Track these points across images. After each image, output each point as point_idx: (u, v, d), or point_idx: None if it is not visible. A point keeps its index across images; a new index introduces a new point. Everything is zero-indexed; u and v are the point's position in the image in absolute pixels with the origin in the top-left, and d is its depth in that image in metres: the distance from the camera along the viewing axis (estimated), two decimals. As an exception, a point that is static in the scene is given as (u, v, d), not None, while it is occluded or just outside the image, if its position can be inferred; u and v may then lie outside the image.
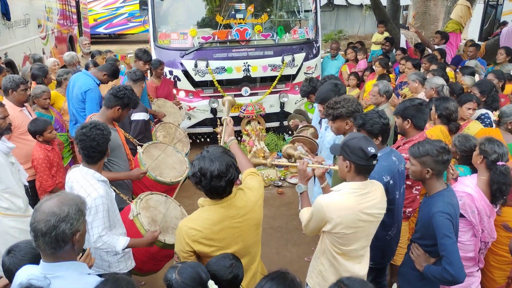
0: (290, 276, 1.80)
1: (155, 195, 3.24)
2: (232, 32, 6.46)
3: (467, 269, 2.79)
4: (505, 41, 7.68)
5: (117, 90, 3.35)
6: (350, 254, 2.44)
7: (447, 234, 2.34)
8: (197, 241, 2.13)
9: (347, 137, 2.43)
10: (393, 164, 2.82)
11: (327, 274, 2.50)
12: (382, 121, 2.81)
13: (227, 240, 2.18)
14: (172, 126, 4.88)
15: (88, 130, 2.64)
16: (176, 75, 6.39)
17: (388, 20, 9.02)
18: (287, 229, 4.76)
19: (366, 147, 2.27)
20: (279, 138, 6.85)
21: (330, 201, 2.34)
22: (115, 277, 1.69)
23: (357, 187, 2.35)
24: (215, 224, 2.14)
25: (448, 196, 2.47)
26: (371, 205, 2.36)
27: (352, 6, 19.21)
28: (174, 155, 3.92)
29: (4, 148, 3.22)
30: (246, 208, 2.23)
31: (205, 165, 2.06)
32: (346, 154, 2.34)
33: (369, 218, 2.36)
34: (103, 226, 2.55)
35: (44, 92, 4.51)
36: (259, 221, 2.35)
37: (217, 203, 2.16)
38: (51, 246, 1.66)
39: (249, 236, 2.28)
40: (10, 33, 7.77)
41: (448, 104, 3.72)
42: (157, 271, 3.27)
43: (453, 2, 9.08)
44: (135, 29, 18.05)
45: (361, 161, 2.29)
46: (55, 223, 1.64)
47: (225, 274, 2.05)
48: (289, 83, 6.75)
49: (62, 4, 11.45)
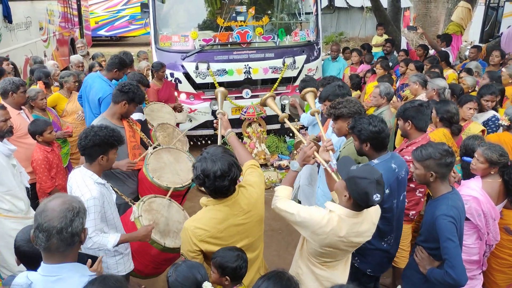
0: (286, 276, 1.83)
1: (159, 198, 3.23)
2: (233, 34, 6.47)
3: (470, 272, 2.79)
4: (506, 43, 7.68)
5: (122, 85, 3.44)
6: (326, 264, 2.42)
7: (449, 238, 2.33)
8: (204, 241, 2.14)
9: (359, 170, 2.22)
10: (391, 173, 2.72)
11: (304, 278, 2.48)
12: (370, 128, 2.68)
13: (233, 237, 2.20)
14: (170, 127, 4.86)
15: (87, 129, 2.71)
16: (177, 78, 6.40)
17: (388, 22, 9.03)
18: (288, 232, 4.75)
19: (372, 194, 2.10)
20: (280, 140, 6.85)
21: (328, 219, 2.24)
22: (103, 276, 1.70)
23: (348, 216, 2.24)
24: (220, 223, 2.16)
25: (453, 199, 2.45)
26: (358, 233, 2.27)
27: (353, 8, 19.21)
28: (185, 162, 3.77)
29: (5, 150, 3.23)
30: (250, 205, 2.25)
31: (207, 166, 2.07)
32: (350, 188, 2.20)
33: (351, 244, 2.31)
34: (94, 228, 2.54)
35: (38, 92, 4.51)
36: (262, 216, 2.38)
37: (221, 202, 2.18)
38: (67, 242, 1.67)
39: (254, 231, 2.31)
40: (12, 35, 7.81)
41: (448, 107, 3.72)
42: (158, 275, 3.26)
43: (454, 4, 9.08)
44: (136, 32, 18.09)
45: (361, 203, 2.18)
46: (71, 217, 1.67)
47: (231, 261, 2.09)
48: (290, 85, 6.75)
49: (64, 7, 11.49)
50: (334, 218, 2.22)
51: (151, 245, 2.89)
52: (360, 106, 3.14)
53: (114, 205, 2.79)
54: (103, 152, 2.67)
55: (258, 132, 6.39)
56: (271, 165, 6.33)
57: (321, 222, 2.22)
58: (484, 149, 2.89)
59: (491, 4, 11.98)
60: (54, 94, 5.19)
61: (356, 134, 2.77)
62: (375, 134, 2.70)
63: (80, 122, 5.19)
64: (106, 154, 2.69)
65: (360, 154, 2.88)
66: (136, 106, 3.57)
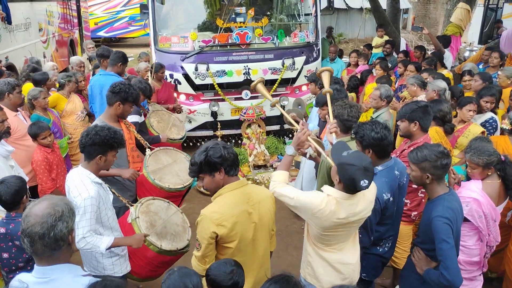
0: (293, 280, 1.81)
1: (157, 200, 3.22)
2: (233, 35, 6.47)
3: (471, 273, 2.79)
4: (505, 44, 7.68)
5: (114, 86, 3.42)
6: (334, 247, 2.46)
7: (444, 239, 2.33)
8: (220, 224, 2.20)
9: (349, 156, 2.27)
10: (394, 180, 2.73)
11: (315, 265, 2.51)
12: (373, 135, 2.67)
13: (245, 224, 2.27)
14: (165, 113, 4.79)
15: (90, 128, 2.73)
16: (177, 79, 6.40)
17: (388, 23, 9.03)
18: (288, 232, 4.75)
19: (359, 180, 2.16)
20: (279, 141, 6.85)
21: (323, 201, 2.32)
22: (103, 281, 1.67)
23: (344, 198, 2.31)
24: (234, 207, 2.25)
25: (449, 200, 2.45)
26: (355, 214, 2.34)
27: (352, 10, 19.24)
28: (183, 163, 3.79)
29: (3, 151, 3.22)
30: (259, 196, 2.35)
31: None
32: (339, 173, 2.27)
33: (352, 224, 2.36)
34: (89, 227, 2.53)
35: (41, 91, 4.52)
36: (269, 225, 2.43)
37: (232, 188, 2.27)
38: (51, 247, 1.66)
39: (262, 228, 2.35)
40: (11, 36, 7.80)
41: (441, 106, 3.74)
42: (155, 278, 3.22)
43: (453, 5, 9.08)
44: (135, 33, 18.10)
45: (349, 188, 2.26)
46: (52, 222, 1.64)
47: (225, 280, 2.03)
48: (289, 87, 6.76)
49: (63, 8, 11.49)
50: (332, 201, 2.30)
51: (147, 247, 2.86)
52: (357, 112, 3.16)
53: (110, 206, 2.78)
54: (102, 152, 2.65)
55: (257, 133, 6.38)
56: (271, 166, 6.32)
57: (320, 205, 2.29)
58: (470, 156, 2.91)
59: (490, 5, 12.02)
60: (54, 94, 5.18)
61: (359, 139, 2.76)
62: (377, 140, 2.67)
63: (80, 123, 5.19)
64: (104, 155, 2.67)
65: None
66: (131, 105, 3.52)
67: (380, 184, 2.60)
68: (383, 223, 2.73)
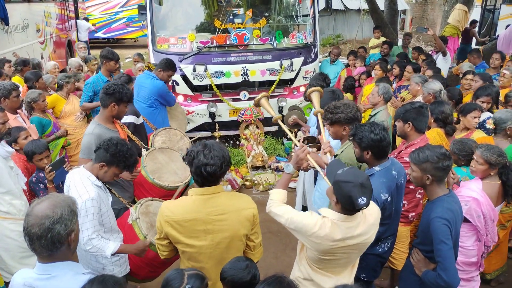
0: (286, 280, 1.80)
1: (156, 201, 3.23)
2: (231, 36, 6.47)
3: (468, 273, 2.80)
4: (503, 45, 7.71)
5: (107, 87, 3.38)
6: (331, 270, 2.37)
7: (443, 240, 2.34)
8: (167, 222, 2.22)
9: (344, 174, 2.18)
10: (392, 180, 2.72)
11: (305, 283, 2.44)
12: (371, 137, 2.64)
13: (197, 232, 2.22)
14: (178, 134, 4.48)
15: (114, 137, 2.82)
16: (175, 80, 6.39)
17: (386, 25, 9.06)
18: (286, 234, 4.74)
19: (357, 198, 2.06)
20: (277, 142, 6.85)
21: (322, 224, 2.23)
22: (102, 277, 1.69)
23: (341, 220, 2.21)
24: (188, 213, 2.21)
25: (448, 201, 2.45)
26: (354, 236, 2.22)
27: (350, 11, 19.28)
28: (180, 161, 3.72)
29: (3, 152, 3.22)
30: (228, 207, 2.24)
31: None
32: (336, 193, 2.17)
33: (351, 247, 2.26)
34: (93, 229, 2.53)
35: (40, 94, 4.50)
36: (239, 237, 2.29)
37: (201, 193, 2.21)
38: (48, 248, 1.68)
39: (219, 239, 2.25)
40: (8, 38, 7.78)
41: (443, 108, 3.74)
42: (154, 278, 3.22)
43: (451, 7, 9.13)
44: (133, 34, 18.08)
45: (347, 207, 2.15)
46: (49, 225, 1.65)
47: (244, 276, 2.05)
48: (287, 88, 6.76)
49: (61, 9, 11.47)
50: (327, 223, 2.19)
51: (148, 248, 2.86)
52: (357, 111, 3.13)
53: (110, 208, 2.78)
54: (106, 162, 2.64)
55: (255, 134, 6.39)
56: (269, 167, 6.33)
57: (314, 228, 2.20)
58: (482, 151, 2.92)
59: (488, 6, 12.05)
60: (53, 95, 5.18)
61: (357, 141, 2.72)
62: (376, 142, 2.66)
63: (79, 124, 5.19)
64: (108, 166, 2.66)
65: (360, 161, 2.85)
66: (126, 105, 3.49)
67: (378, 184, 2.60)
68: (382, 223, 2.71)
